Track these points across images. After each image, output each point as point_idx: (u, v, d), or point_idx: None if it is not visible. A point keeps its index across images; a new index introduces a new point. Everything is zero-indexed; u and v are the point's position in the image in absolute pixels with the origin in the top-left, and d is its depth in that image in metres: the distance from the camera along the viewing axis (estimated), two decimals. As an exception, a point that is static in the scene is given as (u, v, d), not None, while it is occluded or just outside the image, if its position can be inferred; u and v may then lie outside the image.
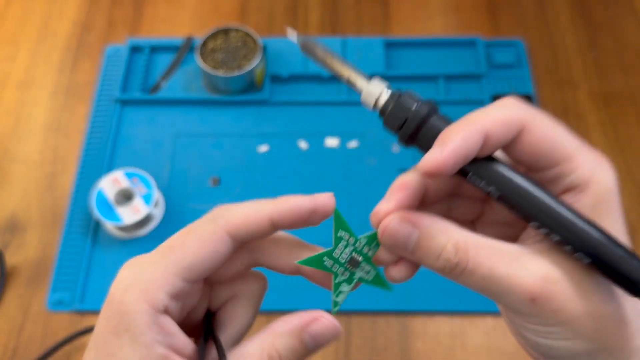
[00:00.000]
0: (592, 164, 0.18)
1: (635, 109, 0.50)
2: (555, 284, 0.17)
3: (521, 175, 0.18)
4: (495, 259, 0.18)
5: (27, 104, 0.51)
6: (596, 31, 0.54)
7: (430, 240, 0.19)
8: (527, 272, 0.17)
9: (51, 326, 0.41)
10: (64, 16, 0.56)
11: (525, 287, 0.17)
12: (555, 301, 0.17)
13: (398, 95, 0.20)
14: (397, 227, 0.19)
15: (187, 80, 0.51)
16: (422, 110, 0.19)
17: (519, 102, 0.19)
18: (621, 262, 0.17)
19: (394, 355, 0.39)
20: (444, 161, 0.18)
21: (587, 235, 0.17)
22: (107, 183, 0.43)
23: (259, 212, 0.20)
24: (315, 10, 0.56)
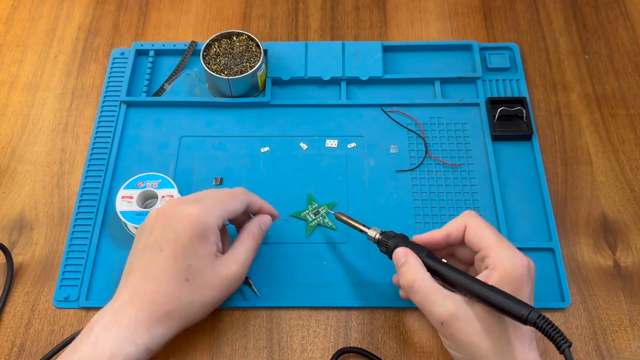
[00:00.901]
0: (503, 255, 0.34)
1: (626, 111, 0.51)
2: (457, 317, 0.33)
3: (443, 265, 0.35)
4: (431, 293, 0.34)
5: (35, 106, 0.52)
6: (589, 35, 0.56)
7: (405, 266, 0.36)
8: (444, 306, 0.33)
9: (58, 322, 0.42)
10: (71, 20, 0.58)
11: (439, 314, 0.33)
12: (455, 326, 0.33)
13: (383, 234, 0.39)
14: (399, 251, 0.37)
15: (190, 83, 0.53)
16: (391, 243, 0.38)
17: (470, 211, 0.37)
18: (508, 304, 0.31)
19: (392, 350, 0.40)
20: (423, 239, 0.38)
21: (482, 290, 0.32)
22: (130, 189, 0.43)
23: (262, 201, 0.41)
24: (315, 15, 0.58)
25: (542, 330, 0.30)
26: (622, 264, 0.44)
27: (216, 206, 0.37)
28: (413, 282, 0.34)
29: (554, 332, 0.30)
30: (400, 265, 0.36)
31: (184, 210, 0.36)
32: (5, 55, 0.56)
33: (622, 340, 0.41)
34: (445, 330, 0.34)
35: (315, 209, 0.44)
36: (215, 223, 0.36)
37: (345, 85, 0.52)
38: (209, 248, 0.36)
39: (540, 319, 0.30)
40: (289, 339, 0.41)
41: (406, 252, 0.36)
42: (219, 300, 0.37)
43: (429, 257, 0.36)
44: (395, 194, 0.46)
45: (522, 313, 0.31)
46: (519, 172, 0.47)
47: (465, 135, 0.49)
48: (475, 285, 0.33)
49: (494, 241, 0.34)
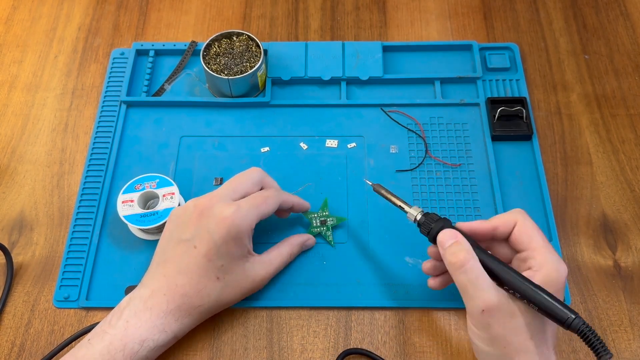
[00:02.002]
0: (548, 259, 0.34)
1: (626, 111, 0.51)
2: (500, 308, 0.32)
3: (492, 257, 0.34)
4: (481, 277, 0.33)
5: (35, 106, 0.53)
6: (589, 35, 0.56)
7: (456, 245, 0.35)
8: (490, 294, 0.33)
9: (58, 322, 0.42)
10: (71, 20, 0.58)
11: (484, 301, 0.33)
12: (495, 316, 0.32)
13: (425, 215, 0.37)
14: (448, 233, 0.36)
15: (191, 83, 0.53)
16: (436, 226, 0.36)
17: (522, 210, 0.36)
18: (555, 307, 0.31)
19: (392, 350, 0.40)
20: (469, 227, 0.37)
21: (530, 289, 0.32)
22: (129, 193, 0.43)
23: (293, 197, 0.43)
24: (315, 15, 0.58)
25: (586, 337, 0.31)
26: (622, 264, 0.44)
27: (251, 210, 0.37)
28: (466, 261, 0.33)
29: (597, 341, 0.30)
30: (449, 245, 0.34)
31: (220, 211, 0.37)
32: (5, 55, 0.56)
33: (622, 340, 0.41)
34: (483, 320, 0.33)
35: (324, 218, 0.44)
36: (249, 227, 0.38)
37: (345, 85, 0.52)
38: (241, 250, 0.38)
39: (586, 327, 0.31)
40: (289, 339, 0.41)
41: (456, 234, 0.35)
42: (240, 299, 0.40)
43: (475, 246, 0.35)
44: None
45: (568, 318, 0.31)
46: (519, 172, 0.47)
47: (465, 135, 0.49)
48: (523, 282, 0.32)
49: (542, 244, 0.34)
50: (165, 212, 0.43)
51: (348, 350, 0.39)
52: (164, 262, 0.37)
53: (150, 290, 0.36)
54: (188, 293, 0.36)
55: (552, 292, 0.32)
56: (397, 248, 0.44)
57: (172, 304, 0.36)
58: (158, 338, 0.35)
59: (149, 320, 0.35)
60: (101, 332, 0.35)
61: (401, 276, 0.43)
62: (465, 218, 0.45)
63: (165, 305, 0.36)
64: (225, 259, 0.37)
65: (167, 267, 0.37)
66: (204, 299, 0.37)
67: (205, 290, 0.37)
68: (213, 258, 0.36)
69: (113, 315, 0.36)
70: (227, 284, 0.38)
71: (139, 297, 0.36)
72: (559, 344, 0.40)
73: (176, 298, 0.36)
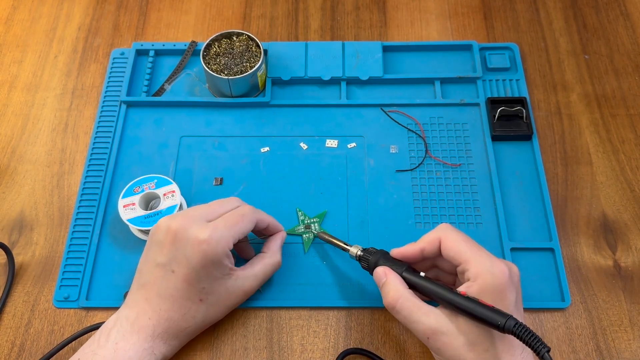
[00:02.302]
0: (482, 267, 0.33)
1: (626, 111, 0.51)
2: (441, 331, 0.33)
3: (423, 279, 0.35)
4: (414, 310, 0.34)
5: (35, 106, 0.52)
6: (589, 35, 0.56)
7: (386, 286, 0.36)
8: (427, 322, 0.34)
9: (58, 322, 0.42)
10: (71, 20, 0.58)
11: (423, 330, 0.34)
12: (440, 340, 0.33)
13: (364, 251, 0.39)
14: (379, 271, 0.37)
15: (190, 83, 0.53)
16: (372, 260, 0.38)
17: (446, 224, 0.37)
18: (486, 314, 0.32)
19: (392, 350, 0.40)
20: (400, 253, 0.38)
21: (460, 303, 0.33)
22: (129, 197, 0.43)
23: (269, 217, 0.41)
24: (315, 15, 0.58)
25: (520, 337, 0.30)
26: (622, 264, 0.44)
27: (226, 231, 0.36)
28: (395, 302, 0.35)
29: (531, 339, 0.30)
30: (381, 285, 0.36)
31: (194, 236, 0.35)
32: (5, 55, 0.56)
33: (622, 340, 0.41)
34: (432, 345, 0.34)
35: (307, 224, 0.44)
36: (226, 249, 0.36)
37: (345, 85, 0.52)
38: (221, 271, 0.37)
39: (517, 327, 0.31)
40: (289, 339, 0.41)
41: (385, 272, 0.36)
42: (230, 311, 0.40)
43: (408, 272, 0.36)
44: (395, 194, 0.46)
45: (499, 322, 0.31)
46: (519, 172, 0.47)
47: (465, 135, 0.49)
48: (453, 297, 0.33)
49: (471, 254, 0.34)
50: (168, 210, 0.43)
51: (348, 350, 0.39)
52: (144, 285, 0.37)
53: (135, 313, 0.36)
54: (172, 317, 0.36)
55: (495, 297, 0.32)
56: (397, 248, 0.44)
57: (158, 329, 0.36)
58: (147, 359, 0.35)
59: (136, 343, 0.35)
60: (90, 353, 0.35)
61: (401, 276, 0.43)
62: (465, 218, 0.45)
63: (151, 329, 0.35)
64: (205, 282, 0.36)
65: (148, 291, 0.36)
66: (189, 321, 0.37)
67: (189, 313, 0.36)
68: (193, 282, 0.36)
69: (101, 334, 0.36)
70: (211, 304, 0.37)
71: (125, 317, 0.36)
72: (559, 345, 0.40)
73: (162, 322, 0.36)
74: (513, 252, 0.44)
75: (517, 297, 0.34)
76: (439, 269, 0.39)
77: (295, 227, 0.44)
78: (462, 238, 0.35)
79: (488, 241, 0.44)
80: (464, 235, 0.36)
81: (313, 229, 0.44)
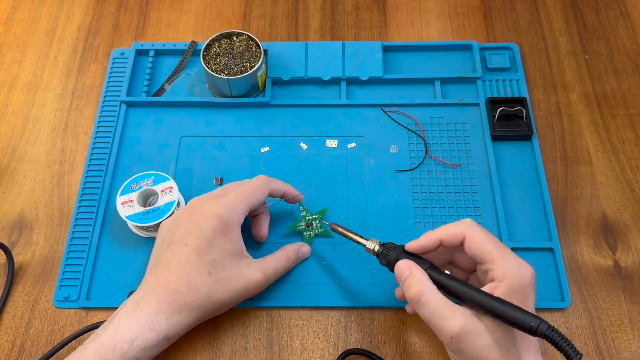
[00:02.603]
0: (508, 267, 0.33)
1: (626, 111, 0.51)
2: (468, 331, 0.32)
3: (449, 278, 0.34)
4: (440, 306, 0.33)
5: (35, 106, 0.53)
6: (589, 35, 0.56)
7: (410, 278, 0.35)
8: (454, 320, 0.32)
9: (58, 322, 0.42)
10: (71, 20, 0.58)
11: (449, 328, 0.32)
12: (465, 340, 0.32)
13: (382, 246, 0.38)
14: (403, 264, 0.36)
15: (190, 83, 0.53)
16: (392, 255, 0.37)
17: (470, 220, 0.35)
18: (517, 316, 0.31)
19: (392, 350, 0.40)
20: (419, 246, 0.36)
21: (490, 304, 0.32)
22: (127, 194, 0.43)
23: (284, 185, 0.42)
24: (315, 15, 0.58)
25: (553, 341, 0.30)
26: (622, 264, 0.44)
27: (238, 202, 0.38)
28: (421, 295, 0.33)
29: (565, 344, 0.30)
30: (404, 278, 0.35)
31: (208, 207, 0.38)
32: (5, 55, 0.56)
33: (622, 340, 0.41)
34: (454, 345, 0.33)
35: (308, 221, 0.44)
36: (237, 219, 0.38)
37: (345, 85, 0.52)
38: (231, 245, 0.38)
39: (551, 331, 0.30)
40: (289, 339, 0.41)
41: (410, 265, 0.35)
42: (235, 301, 0.38)
43: (432, 269, 0.35)
44: (395, 194, 0.46)
45: (532, 325, 0.31)
46: (519, 172, 0.47)
47: (465, 135, 0.49)
48: (483, 298, 0.32)
49: (497, 254, 0.33)
50: (166, 206, 0.43)
51: (349, 351, 0.39)
52: (155, 266, 0.37)
53: (143, 292, 0.36)
54: (179, 289, 0.36)
55: (520, 298, 0.32)
56: (397, 248, 0.44)
57: (162, 302, 0.36)
58: (147, 337, 0.35)
59: (139, 319, 0.35)
60: (94, 336, 0.35)
61: (401, 276, 0.43)
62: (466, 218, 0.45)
63: (155, 304, 0.35)
64: (216, 253, 0.37)
65: (159, 268, 0.37)
66: (194, 293, 0.36)
67: (196, 285, 0.36)
68: (203, 252, 0.36)
69: (109, 319, 0.36)
70: (219, 280, 0.37)
71: (131, 299, 0.36)
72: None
73: (167, 295, 0.36)
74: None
75: (535, 299, 0.34)
76: (453, 265, 0.38)
77: (297, 224, 0.44)
78: (488, 237, 0.34)
79: (488, 241, 0.44)
80: (489, 233, 0.35)
81: (315, 226, 0.44)
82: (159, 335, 0.35)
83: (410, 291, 0.34)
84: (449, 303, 0.33)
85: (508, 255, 0.34)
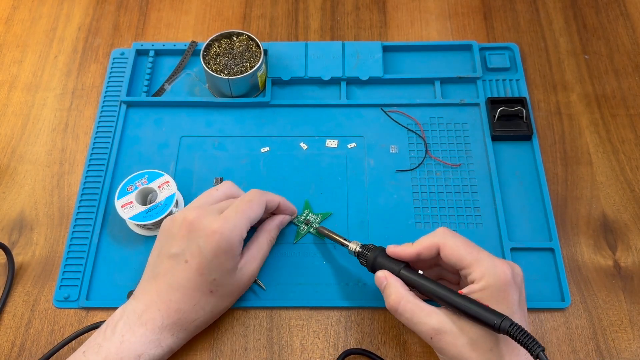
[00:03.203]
0: (484, 268, 0.34)
1: (626, 111, 0.51)
2: (444, 331, 0.33)
3: (422, 278, 0.36)
4: (416, 311, 0.34)
5: (35, 106, 0.53)
6: (589, 35, 0.56)
7: (387, 289, 0.36)
8: (429, 323, 0.34)
9: (58, 322, 0.42)
10: (71, 20, 0.58)
11: (426, 331, 0.34)
12: (443, 340, 0.33)
13: (363, 247, 0.39)
14: (379, 275, 0.37)
15: (190, 83, 0.53)
16: (370, 256, 0.38)
17: (443, 229, 0.36)
18: (481, 314, 0.32)
19: (392, 350, 0.40)
20: (396, 254, 0.37)
21: (456, 302, 0.33)
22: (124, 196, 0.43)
23: (279, 197, 0.42)
24: (315, 15, 0.58)
25: (515, 337, 0.31)
26: (622, 264, 0.44)
27: (238, 220, 0.37)
28: (397, 305, 0.35)
29: (526, 339, 0.30)
30: (382, 288, 0.36)
31: (208, 225, 0.36)
32: (5, 55, 0.56)
33: (622, 340, 0.41)
34: (435, 345, 0.34)
35: (306, 218, 0.44)
36: (239, 237, 0.37)
37: (345, 85, 0.52)
38: (232, 262, 0.37)
39: (512, 327, 0.31)
40: (289, 339, 0.41)
41: (385, 275, 0.36)
42: (234, 302, 0.40)
43: (406, 270, 0.36)
44: (395, 194, 0.46)
45: (495, 322, 0.31)
46: (519, 172, 0.47)
47: (465, 135, 0.49)
48: (450, 296, 0.33)
49: (471, 258, 0.34)
50: (167, 200, 0.43)
51: (349, 351, 0.39)
52: (155, 277, 0.37)
53: (144, 305, 0.36)
54: (182, 308, 0.36)
55: (499, 297, 0.33)
56: (397, 248, 0.44)
57: (167, 320, 0.36)
58: (154, 353, 0.35)
59: (144, 335, 0.35)
60: (96, 345, 0.35)
61: (401, 276, 0.43)
62: (465, 218, 0.45)
63: (160, 321, 0.35)
64: (217, 273, 0.36)
65: (159, 282, 0.36)
66: (198, 312, 0.37)
67: (199, 304, 0.36)
68: (204, 272, 0.36)
69: (107, 327, 0.36)
70: (221, 295, 0.38)
71: (132, 310, 0.36)
72: (559, 344, 0.40)
73: (171, 314, 0.36)
74: (513, 252, 0.44)
75: (521, 297, 0.34)
76: (441, 267, 0.39)
77: (296, 217, 0.44)
78: (461, 242, 0.35)
79: (488, 241, 0.44)
80: (463, 238, 0.36)
81: (311, 224, 0.44)
82: (164, 349, 0.36)
83: (388, 302, 0.35)
84: (425, 307, 0.34)
85: (483, 257, 0.34)
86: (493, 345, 0.33)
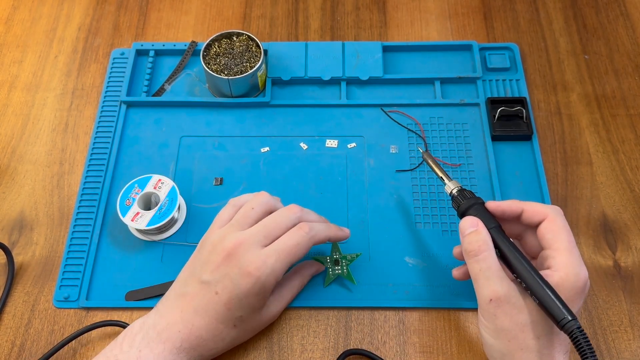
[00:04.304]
0: (570, 262, 0.33)
1: (626, 111, 0.51)
2: (508, 300, 0.32)
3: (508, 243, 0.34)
4: (493, 268, 0.33)
5: (35, 106, 0.53)
6: (589, 35, 0.56)
7: (474, 235, 0.35)
8: (499, 285, 0.33)
9: (58, 322, 0.42)
10: (71, 21, 0.58)
11: (492, 291, 0.33)
12: (502, 308, 0.32)
13: (460, 192, 0.38)
14: (470, 220, 0.35)
15: (190, 83, 0.53)
16: (464, 204, 0.37)
17: (559, 208, 0.35)
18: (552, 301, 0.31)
19: (392, 350, 0.40)
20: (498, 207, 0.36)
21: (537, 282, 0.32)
22: (127, 211, 0.43)
23: (327, 231, 0.39)
24: (315, 15, 0.58)
25: (576, 342, 0.30)
26: (622, 264, 0.44)
27: (278, 265, 0.35)
28: (480, 251, 0.33)
29: (587, 347, 0.30)
30: (468, 233, 0.35)
31: (247, 262, 0.35)
32: (5, 55, 0.56)
33: (622, 340, 0.41)
34: (490, 309, 0.33)
35: (336, 259, 0.42)
36: (275, 281, 0.36)
37: (345, 85, 0.52)
38: (262, 302, 0.37)
39: (579, 332, 0.30)
40: (289, 339, 0.41)
41: (477, 223, 0.35)
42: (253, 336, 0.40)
43: (496, 231, 0.35)
44: (395, 194, 0.46)
45: (564, 318, 0.30)
46: (519, 172, 0.47)
47: (465, 135, 0.49)
48: (531, 274, 0.32)
49: (566, 246, 0.33)
50: (170, 195, 0.43)
51: (349, 351, 0.39)
52: (182, 296, 0.36)
53: (166, 322, 0.35)
54: (203, 336, 0.36)
55: (567, 296, 0.32)
56: (397, 248, 0.44)
57: (186, 343, 0.35)
58: None
59: (161, 354, 0.34)
60: (112, 357, 0.34)
61: (401, 276, 0.43)
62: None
63: (179, 342, 0.35)
64: (245, 311, 0.36)
65: (185, 303, 0.36)
66: (218, 343, 0.36)
67: (220, 335, 0.36)
68: (232, 308, 0.35)
69: (125, 338, 0.35)
70: (242, 330, 0.37)
71: (152, 325, 0.35)
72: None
73: (191, 339, 0.35)
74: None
75: (580, 308, 0.34)
76: (521, 244, 0.38)
77: (325, 257, 0.42)
78: (567, 228, 0.34)
79: (488, 241, 0.44)
80: (569, 228, 0.34)
81: (342, 265, 0.42)
82: None
83: (472, 244, 0.34)
84: (501, 270, 0.33)
85: (574, 253, 0.33)
86: (546, 333, 0.32)
